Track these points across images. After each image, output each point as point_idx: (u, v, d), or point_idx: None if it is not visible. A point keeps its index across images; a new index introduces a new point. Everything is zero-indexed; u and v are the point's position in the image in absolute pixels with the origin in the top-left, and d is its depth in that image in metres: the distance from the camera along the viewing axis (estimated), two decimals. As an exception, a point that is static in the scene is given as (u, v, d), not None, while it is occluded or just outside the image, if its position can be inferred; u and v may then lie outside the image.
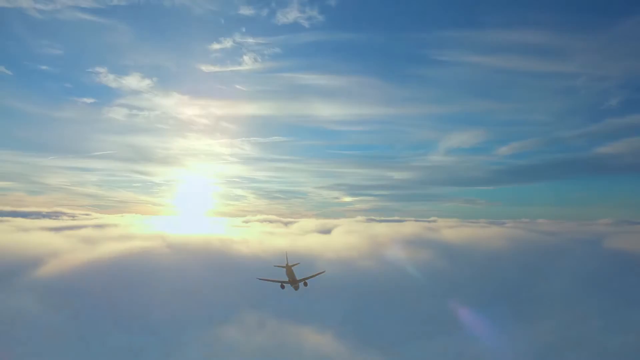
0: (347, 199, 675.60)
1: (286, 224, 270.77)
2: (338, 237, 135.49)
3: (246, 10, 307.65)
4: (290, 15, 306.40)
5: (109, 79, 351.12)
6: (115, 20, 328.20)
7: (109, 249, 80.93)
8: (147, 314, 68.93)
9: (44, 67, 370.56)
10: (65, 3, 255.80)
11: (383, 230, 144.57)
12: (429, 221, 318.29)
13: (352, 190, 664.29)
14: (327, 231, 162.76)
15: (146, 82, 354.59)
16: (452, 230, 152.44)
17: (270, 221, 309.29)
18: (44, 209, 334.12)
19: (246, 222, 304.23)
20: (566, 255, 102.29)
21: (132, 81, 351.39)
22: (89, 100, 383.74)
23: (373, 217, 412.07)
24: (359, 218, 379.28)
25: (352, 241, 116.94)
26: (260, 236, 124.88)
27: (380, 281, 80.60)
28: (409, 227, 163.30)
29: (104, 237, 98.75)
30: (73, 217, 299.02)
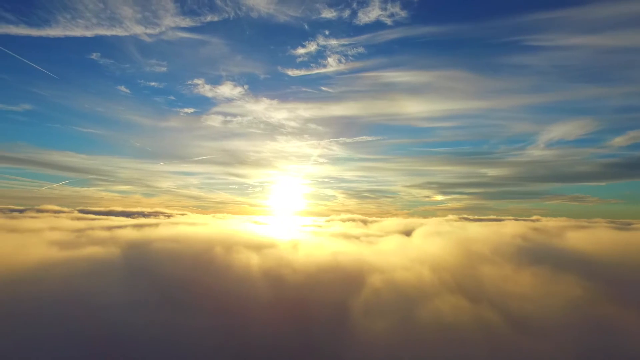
0: (439, 197, 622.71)
1: (366, 223, 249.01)
2: (418, 240, 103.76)
3: (328, 14, 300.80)
4: (371, 14, 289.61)
5: (206, 90, 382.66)
6: (210, 35, 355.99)
7: (78, 253, 62.80)
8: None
9: (152, 84, 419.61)
10: (169, 25, 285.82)
11: (477, 231, 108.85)
12: (532, 220, 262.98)
13: (444, 188, 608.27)
14: (410, 232, 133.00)
15: (238, 90, 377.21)
16: (580, 234, 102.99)
17: (354, 220, 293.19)
18: (147, 209, 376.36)
19: (329, 221, 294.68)
20: None
21: (226, 90, 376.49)
22: (190, 110, 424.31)
23: (466, 216, 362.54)
24: (450, 217, 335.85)
25: (433, 248, 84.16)
26: (320, 240, 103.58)
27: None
28: (510, 228, 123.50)
29: (115, 238, 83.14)
30: (169, 216, 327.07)
